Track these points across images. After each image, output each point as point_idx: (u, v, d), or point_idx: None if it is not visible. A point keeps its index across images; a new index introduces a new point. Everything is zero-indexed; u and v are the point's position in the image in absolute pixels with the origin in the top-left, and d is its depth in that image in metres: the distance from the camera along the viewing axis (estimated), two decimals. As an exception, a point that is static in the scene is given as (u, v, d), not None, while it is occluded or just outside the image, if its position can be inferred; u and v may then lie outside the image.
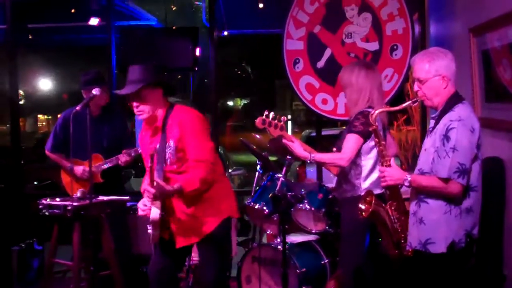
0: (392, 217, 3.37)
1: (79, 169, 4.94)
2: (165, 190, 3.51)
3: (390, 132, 4.25)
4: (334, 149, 4.09)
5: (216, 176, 3.73)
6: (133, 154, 4.89)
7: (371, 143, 3.86)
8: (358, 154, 3.90)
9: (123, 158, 4.93)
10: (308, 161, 3.96)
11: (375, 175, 3.90)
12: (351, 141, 3.85)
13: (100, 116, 5.04)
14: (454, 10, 4.92)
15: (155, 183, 3.49)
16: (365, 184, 3.92)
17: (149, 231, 3.66)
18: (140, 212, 3.68)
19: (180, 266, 4.03)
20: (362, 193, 3.82)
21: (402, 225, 3.35)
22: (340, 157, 3.88)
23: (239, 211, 4.05)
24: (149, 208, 3.63)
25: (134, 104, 3.67)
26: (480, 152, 3.14)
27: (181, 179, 3.62)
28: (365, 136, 3.85)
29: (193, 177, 3.59)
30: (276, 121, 3.99)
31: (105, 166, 4.95)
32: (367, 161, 3.92)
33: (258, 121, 4.00)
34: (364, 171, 3.93)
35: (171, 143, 3.67)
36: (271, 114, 3.98)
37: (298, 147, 3.93)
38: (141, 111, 3.68)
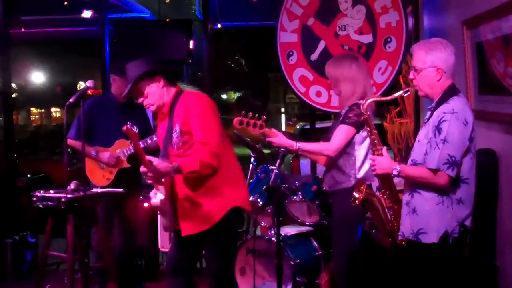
0: (384, 206, 3.38)
1: (105, 155, 4.92)
2: (158, 170, 3.37)
3: None
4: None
5: (223, 163, 3.58)
6: (149, 141, 4.79)
7: (364, 133, 3.86)
8: (351, 144, 3.89)
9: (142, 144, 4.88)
10: (295, 150, 3.92)
11: (368, 164, 3.87)
12: (342, 132, 3.84)
13: (124, 105, 4.99)
14: (447, 3, 4.92)
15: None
16: (360, 174, 3.91)
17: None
18: (152, 201, 3.59)
19: (197, 257, 3.91)
20: None
21: (394, 214, 3.36)
22: (327, 147, 3.86)
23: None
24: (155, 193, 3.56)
25: (140, 100, 3.65)
26: (473, 145, 3.14)
27: (181, 160, 3.50)
28: (358, 127, 3.84)
29: (194, 159, 3.44)
30: (255, 120, 3.85)
31: (131, 151, 4.87)
32: (360, 151, 3.91)
33: (235, 121, 3.87)
34: (358, 161, 3.92)
35: (177, 127, 3.58)
36: (249, 114, 3.84)
37: (282, 138, 3.88)
38: (148, 104, 3.64)
